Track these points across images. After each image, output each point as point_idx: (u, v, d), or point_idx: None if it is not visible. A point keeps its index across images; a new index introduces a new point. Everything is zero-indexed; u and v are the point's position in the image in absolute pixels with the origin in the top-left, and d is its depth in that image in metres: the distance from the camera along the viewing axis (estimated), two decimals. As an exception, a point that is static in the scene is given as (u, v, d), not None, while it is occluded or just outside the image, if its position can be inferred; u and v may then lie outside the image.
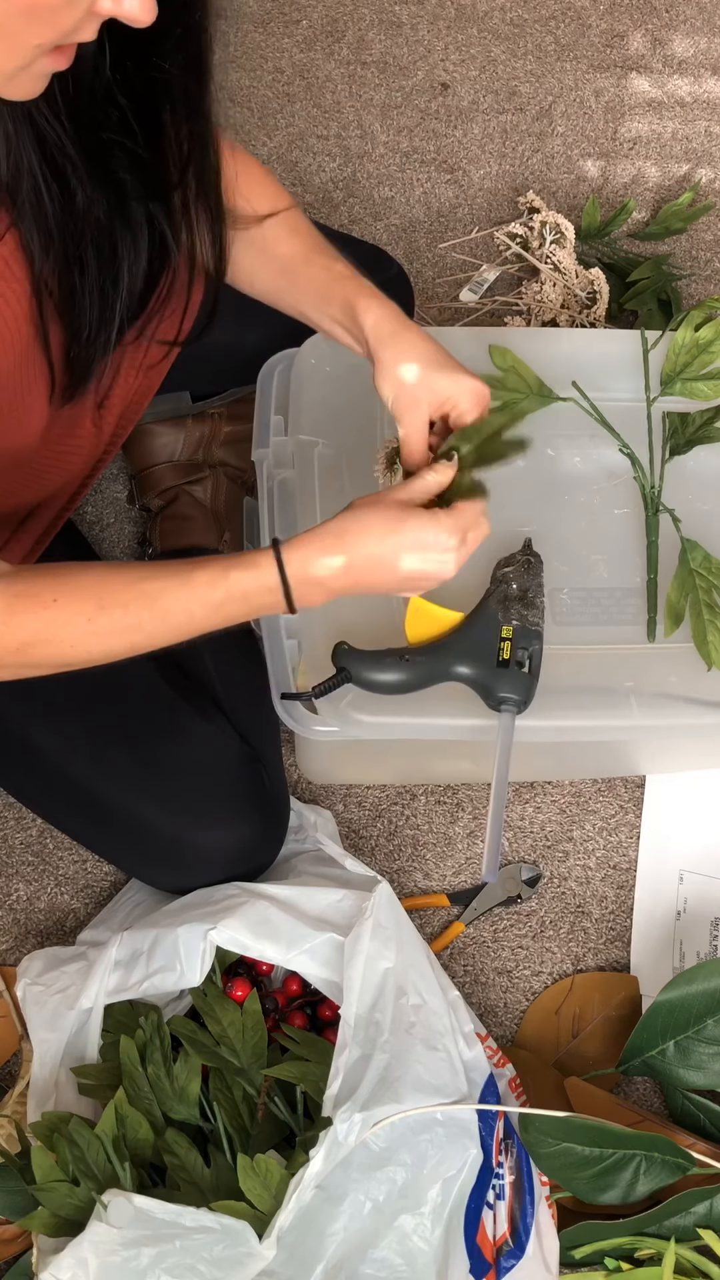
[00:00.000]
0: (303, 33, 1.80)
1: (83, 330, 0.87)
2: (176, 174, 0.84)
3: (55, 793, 1.13)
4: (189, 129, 0.81)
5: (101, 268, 0.84)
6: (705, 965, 1.07)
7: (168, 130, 0.81)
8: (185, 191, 0.86)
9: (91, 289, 0.85)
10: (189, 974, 0.99)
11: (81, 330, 0.87)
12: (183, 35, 0.74)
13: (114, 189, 0.82)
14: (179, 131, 0.81)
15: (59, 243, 0.81)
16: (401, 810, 1.29)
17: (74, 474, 1.07)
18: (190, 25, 0.74)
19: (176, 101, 0.79)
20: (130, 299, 0.88)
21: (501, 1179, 0.99)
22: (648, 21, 1.85)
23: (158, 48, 0.75)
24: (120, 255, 0.85)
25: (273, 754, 1.16)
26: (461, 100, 1.76)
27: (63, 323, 0.86)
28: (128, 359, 1.00)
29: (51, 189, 0.77)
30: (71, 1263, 0.86)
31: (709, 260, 1.66)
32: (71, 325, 0.86)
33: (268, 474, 1.15)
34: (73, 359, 0.89)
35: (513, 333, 1.39)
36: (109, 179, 0.81)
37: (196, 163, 0.84)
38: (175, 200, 0.86)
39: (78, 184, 0.78)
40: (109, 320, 0.87)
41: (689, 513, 1.16)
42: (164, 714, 1.10)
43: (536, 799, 1.31)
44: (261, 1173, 0.88)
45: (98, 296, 0.85)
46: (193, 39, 0.75)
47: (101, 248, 0.83)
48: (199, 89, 0.79)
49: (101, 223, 0.82)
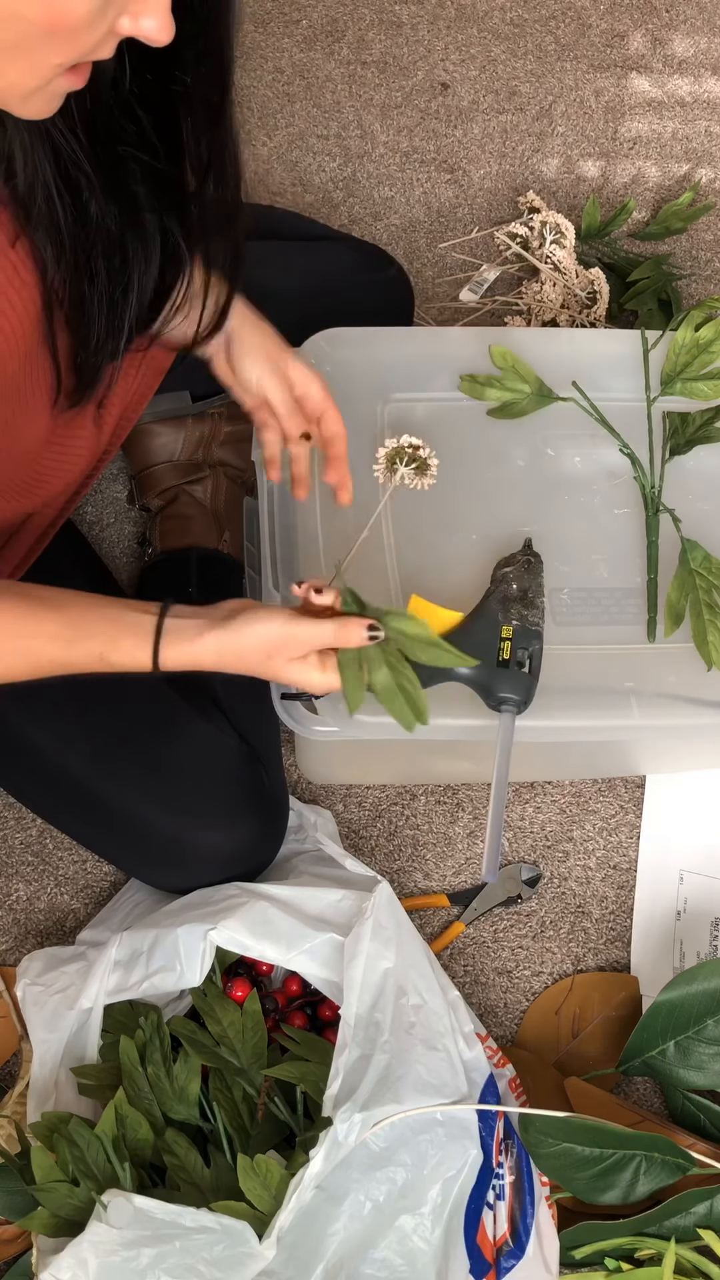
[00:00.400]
0: (303, 33, 1.80)
1: (91, 338, 0.86)
2: (195, 184, 0.83)
3: (55, 793, 1.13)
4: (209, 139, 0.80)
5: (112, 277, 0.84)
6: (705, 965, 1.07)
7: (186, 142, 0.80)
8: (203, 201, 0.85)
9: (101, 298, 0.84)
10: (189, 974, 0.99)
11: (90, 338, 0.86)
12: (204, 48, 0.73)
13: (128, 201, 0.81)
14: (199, 142, 0.80)
15: (70, 253, 0.80)
16: (401, 810, 1.29)
17: (74, 474, 1.07)
18: (212, 38, 0.73)
19: (197, 113, 0.78)
20: (140, 308, 0.88)
21: (501, 1179, 0.99)
22: (648, 21, 1.85)
23: (179, 61, 0.74)
24: (131, 265, 0.85)
25: (273, 754, 1.16)
26: (461, 100, 1.76)
27: (71, 330, 0.86)
28: (129, 358, 1.00)
29: (65, 201, 0.77)
30: (71, 1263, 0.86)
31: (709, 260, 1.66)
32: (80, 333, 0.86)
33: (268, 474, 1.15)
34: (79, 365, 0.89)
35: (513, 333, 1.39)
36: (124, 191, 0.80)
37: (216, 172, 0.83)
38: (192, 209, 0.85)
39: (91, 196, 0.78)
40: (118, 329, 0.87)
41: (689, 513, 1.16)
42: (164, 714, 1.10)
43: (536, 799, 1.31)
44: (261, 1173, 0.88)
45: (107, 305, 0.85)
46: (214, 51, 0.74)
47: (113, 258, 0.83)
48: (220, 99, 0.78)
49: (114, 233, 0.82)
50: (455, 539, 1.13)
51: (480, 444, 1.08)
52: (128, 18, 0.65)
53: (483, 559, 1.07)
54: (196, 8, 0.70)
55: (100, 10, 0.63)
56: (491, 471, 1.11)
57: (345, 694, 0.89)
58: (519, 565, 1.06)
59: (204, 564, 1.31)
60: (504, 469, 1.18)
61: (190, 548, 1.32)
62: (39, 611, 0.87)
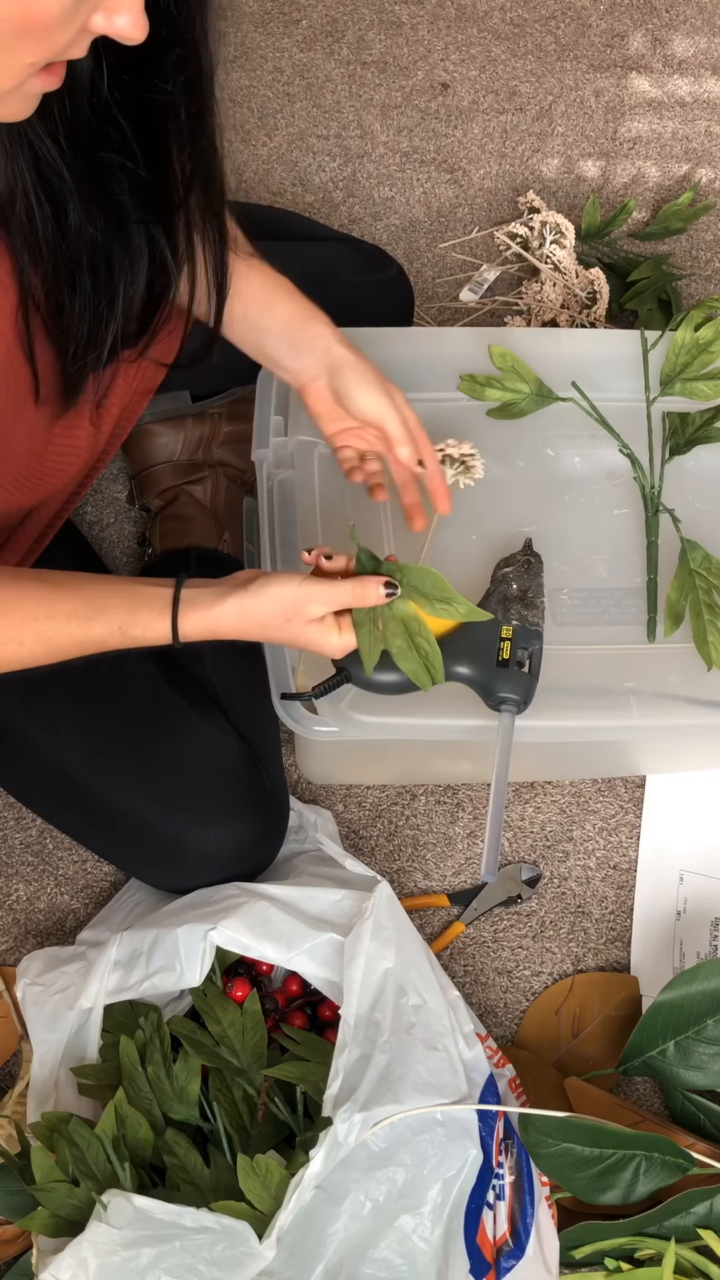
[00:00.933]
0: (303, 33, 1.80)
1: (69, 347, 0.86)
2: (179, 196, 0.83)
3: (55, 793, 1.13)
4: (190, 150, 0.80)
5: (97, 288, 0.84)
6: (705, 965, 1.07)
7: (169, 151, 0.80)
8: (187, 213, 0.85)
9: (84, 308, 0.84)
10: (189, 974, 0.99)
11: (68, 346, 0.86)
12: (181, 55, 0.73)
13: (112, 211, 0.81)
14: (181, 153, 0.80)
15: (48, 261, 0.80)
16: (401, 810, 1.29)
17: (73, 474, 1.07)
18: (189, 44, 0.73)
19: (177, 122, 0.78)
20: (126, 321, 0.88)
21: (501, 1179, 0.99)
22: (648, 21, 1.85)
23: (157, 68, 0.74)
24: (117, 276, 0.85)
25: (273, 754, 1.16)
26: (461, 100, 1.76)
27: (49, 338, 0.86)
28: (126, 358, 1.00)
29: (44, 209, 0.77)
30: (71, 1263, 0.86)
31: (709, 260, 1.66)
32: (58, 341, 0.86)
33: (268, 474, 1.15)
34: (62, 372, 0.88)
35: (513, 333, 1.39)
36: (107, 201, 0.80)
37: (199, 185, 0.83)
38: (178, 221, 0.85)
39: (73, 205, 0.78)
40: (98, 339, 0.87)
41: (689, 513, 1.16)
42: (164, 714, 1.10)
43: (536, 799, 1.31)
44: (261, 1173, 0.88)
45: (89, 315, 0.85)
46: (191, 59, 0.74)
47: (98, 268, 0.83)
48: (199, 110, 0.78)
49: (98, 243, 0.81)
50: (455, 539, 1.13)
51: (480, 444, 1.08)
52: (101, 14, 0.64)
53: (483, 559, 1.07)
54: (173, 13, 0.70)
55: (74, 7, 0.62)
56: (491, 472, 1.11)
57: (361, 653, 0.91)
58: (519, 565, 1.06)
59: (204, 564, 1.31)
60: (504, 469, 1.18)
61: (190, 548, 1.32)
62: (55, 592, 0.87)
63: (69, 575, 0.89)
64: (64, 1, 0.62)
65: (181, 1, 0.70)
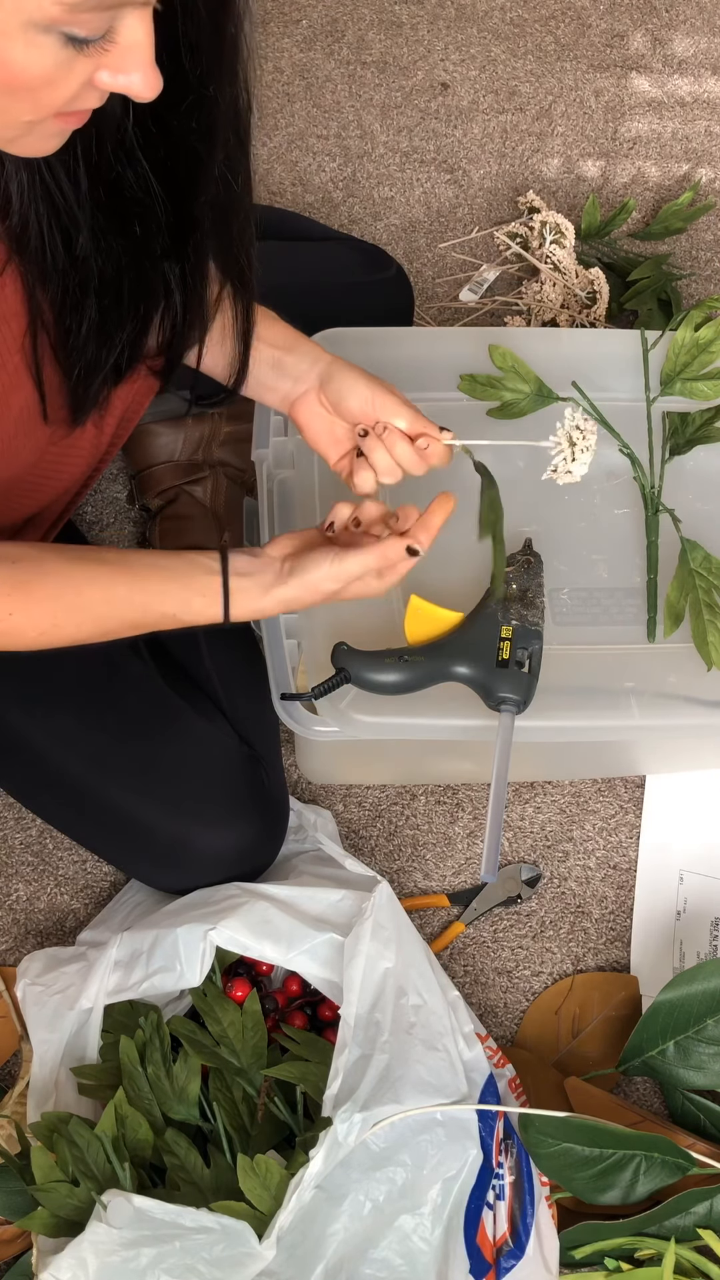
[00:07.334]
0: (303, 33, 1.80)
1: (74, 369, 0.86)
2: (199, 235, 0.83)
3: (55, 793, 1.13)
4: (208, 197, 0.80)
5: (104, 315, 0.84)
6: (705, 965, 1.07)
7: (194, 192, 0.79)
8: (200, 256, 0.85)
9: (91, 334, 0.84)
10: (189, 974, 0.99)
11: (73, 369, 0.86)
12: (195, 103, 0.72)
13: (126, 247, 0.81)
14: (200, 197, 0.80)
15: (58, 288, 0.80)
16: (401, 810, 1.29)
17: (74, 475, 1.07)
18: (204, 97, 0.72)
19: (197, 167, 0.77)
20: (133, 349, 0.88)
21: (501, 1179, 0.99)
22: (648, 21, 1.85)
23: (182, 114, 0.73)
24: (125, 307, 0.85)
25: (273, 754, 1.16)
26: (461, 100, 1.76)
27: (56, 360, 0.86)
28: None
29: (56, 241, 0.77)
30: (71, 1263, 0.86)
31: (709, 260, 1.66)
32: (64, 364, 0.86)
33: (268, 474, 1.15)
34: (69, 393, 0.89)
35: (513, 333, 1.39)
36: (123, 237, 0.80)
37: (217, 232, 0.83)
38: (191, 259, 0.85)
39: (88, 240, 0.78)
40: (101, 363, 0.87)
41: (689, 513, 1.16)
42: (164, 714, 1.10)
43: (536, 799, 1.31)
44: (261, 1173, 0.88)
45: (96, 340, 0.85)
46: (207, 110, 0.73)
47: (104, 297, 0.83)
48: (211, 155, 0.77)
49: (109, 275, 0.81)
50: (455, 539, 1.12)
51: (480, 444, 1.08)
52: (107, 72, 0.64)
53: (483, 559, 1.07)
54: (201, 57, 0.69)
55: (62, 69, 0.62)
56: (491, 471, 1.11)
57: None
58: (519, 565, 1.06)
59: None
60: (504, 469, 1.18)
61: (190, 548, 1.32)
62: (111, 575, 0.91)
63: (118, 553, 0.94)
64: (45, 65, 0.61)
65: (212, 49, 0.69)
